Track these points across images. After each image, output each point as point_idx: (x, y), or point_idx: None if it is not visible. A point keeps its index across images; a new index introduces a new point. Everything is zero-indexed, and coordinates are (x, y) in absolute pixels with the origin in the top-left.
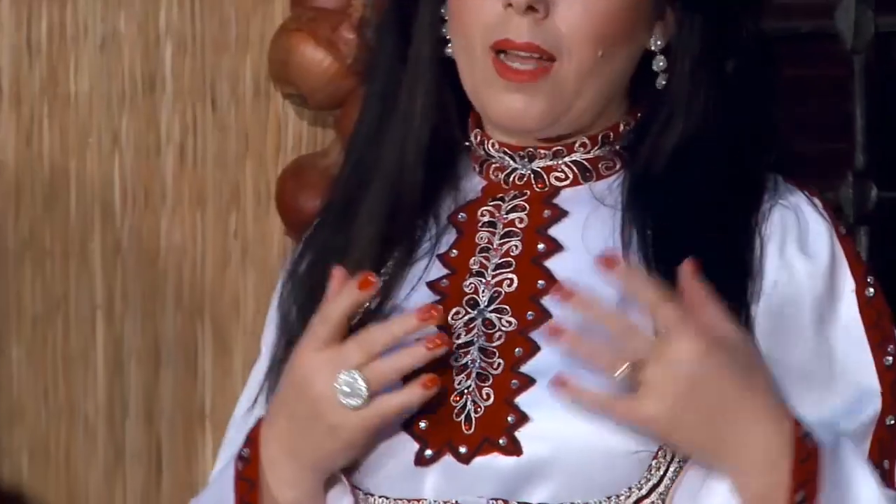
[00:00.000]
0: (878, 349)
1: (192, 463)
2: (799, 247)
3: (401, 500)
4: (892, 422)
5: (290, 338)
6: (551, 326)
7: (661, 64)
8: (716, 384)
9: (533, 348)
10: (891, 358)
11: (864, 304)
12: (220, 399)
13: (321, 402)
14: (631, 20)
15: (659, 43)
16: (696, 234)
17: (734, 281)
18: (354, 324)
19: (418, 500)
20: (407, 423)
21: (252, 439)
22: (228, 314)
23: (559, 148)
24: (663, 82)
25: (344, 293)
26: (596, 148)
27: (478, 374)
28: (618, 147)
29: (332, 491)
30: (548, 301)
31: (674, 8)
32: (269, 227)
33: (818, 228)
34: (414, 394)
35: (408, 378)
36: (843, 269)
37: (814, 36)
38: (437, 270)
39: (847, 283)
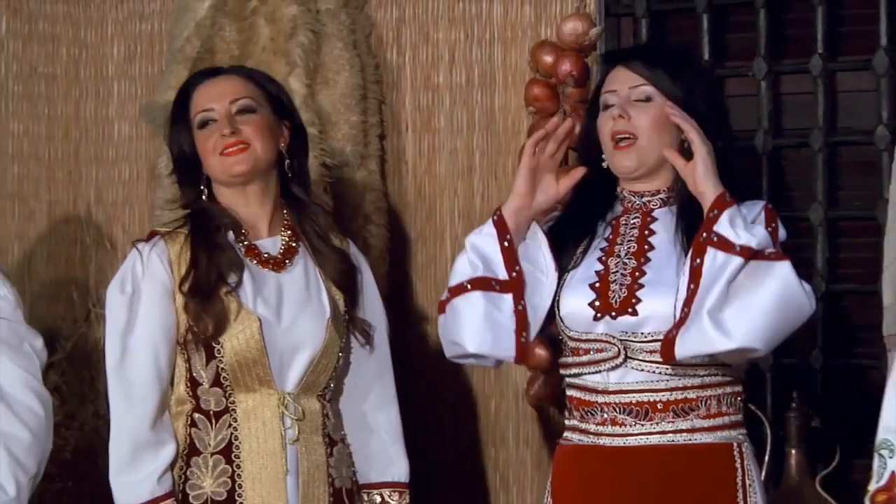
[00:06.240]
0: (774, 235)
1: None
2: (749, 213)
3: (585, 332)
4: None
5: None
6: (669, 112)
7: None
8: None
9: (643, 272)
10: (772, 227)
11: (770, 218)
12: None
13: None
14: (665, 120)
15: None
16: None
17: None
18: (574, 264)
19: (592, 332)
20: (590, 304)
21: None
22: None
23: (655, 191)
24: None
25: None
26: (668, 192)
27: (620, 283)
28: (675, 192)
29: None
30: (650, 255)
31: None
32: None
33: (759, 204)
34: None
35: None
36: (762, 214)
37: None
38: (603, 242)
39: (762, 217)
